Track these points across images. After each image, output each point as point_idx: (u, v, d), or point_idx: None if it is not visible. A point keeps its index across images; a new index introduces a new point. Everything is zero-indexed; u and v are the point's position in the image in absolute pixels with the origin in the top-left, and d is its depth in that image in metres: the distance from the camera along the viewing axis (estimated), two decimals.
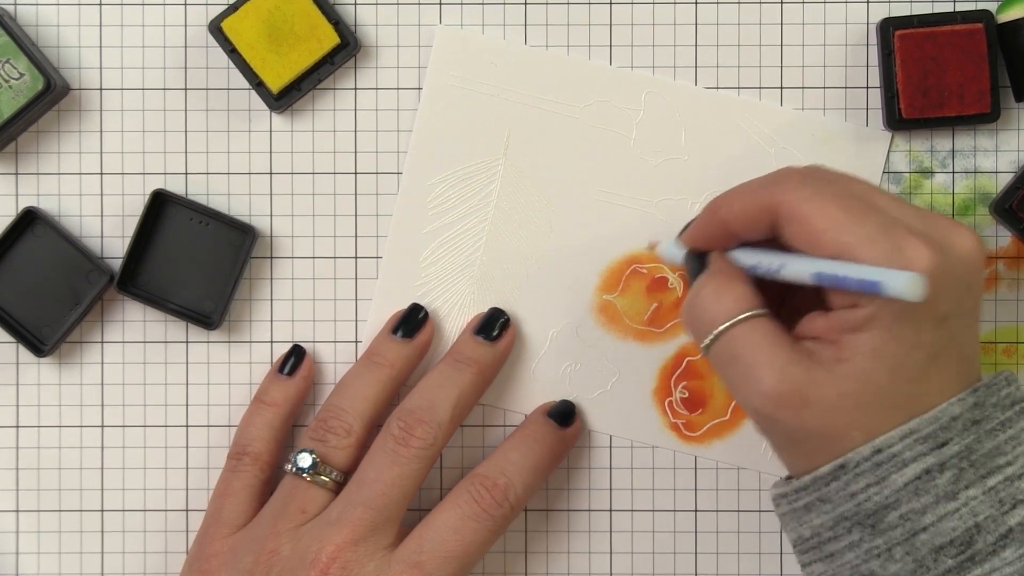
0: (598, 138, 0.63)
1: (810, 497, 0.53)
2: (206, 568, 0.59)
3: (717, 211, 0.55)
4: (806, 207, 0.51)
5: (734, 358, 0.52)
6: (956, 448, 0.51)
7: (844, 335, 0.51)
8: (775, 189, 0.52)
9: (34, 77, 0.60)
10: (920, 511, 0.51)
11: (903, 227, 0.50)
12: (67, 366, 0.64)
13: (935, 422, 0.51)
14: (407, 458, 0.58)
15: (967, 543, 0.51)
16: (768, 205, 0.52)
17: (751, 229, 0.54)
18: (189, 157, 0.64)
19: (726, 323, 0.53)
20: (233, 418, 0.64)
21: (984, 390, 0.52)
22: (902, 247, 0.49)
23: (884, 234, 0.50)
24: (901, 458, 0.51)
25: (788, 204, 0.52)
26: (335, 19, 0.62)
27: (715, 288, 0.54)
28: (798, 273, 0.52)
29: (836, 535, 0.52)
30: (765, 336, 0.52)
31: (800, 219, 0.51)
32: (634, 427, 0.64)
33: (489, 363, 0.62)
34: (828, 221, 0.51)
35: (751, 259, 0.55)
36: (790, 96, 0.63)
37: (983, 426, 0.51)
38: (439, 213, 0.64)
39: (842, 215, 0.50)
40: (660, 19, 0.63)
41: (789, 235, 0.52)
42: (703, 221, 0.56)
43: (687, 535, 0.64)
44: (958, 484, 0.51)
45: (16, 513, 0.64)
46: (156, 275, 0.63)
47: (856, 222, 0.50)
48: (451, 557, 0.58)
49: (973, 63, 0.61)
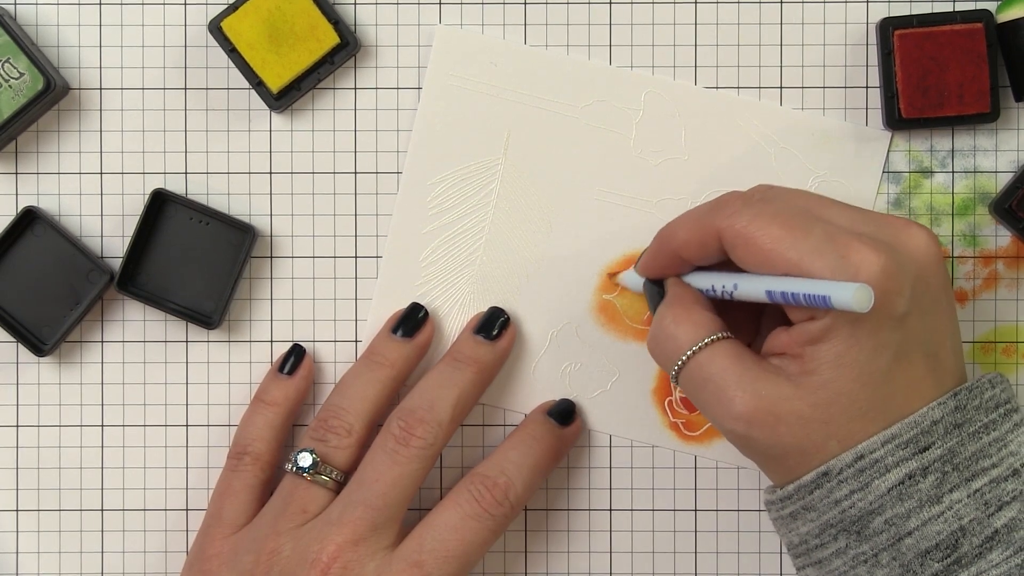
0: (598, 138, 0.63)
1: (795, 506, 0.53)
2: (206, 568, 0.59)
3: (665, 241, 0.56)
4: (747, 229, 0.52)
5: (704, 382, 0.53)
6: (938, 452, 0.51)
7: (806, 348, 0.51)
8: (717, 216, 0.53)
9: (34, 77, 0.60)
10: (904, 516, 0.51)
11: (848, 234, 0.50)
12: (67, 366, 0.64)
13: (916, 426, 0.51)
14: (407, 458, 0.58)
15: (953, 546, 0.51)
16: (712, 231, 0.53)
17: (700, 255, 0.55)
18: (189, 157, 0.64)
19: (690, 350, 0.53)
20: (233, 418, 0.64)
21: (966, 393, 0.52)
22: (847, 254, 0.50)
23: (828, 244, 0.50)
24: (883, 464, 0.51)
25: (730, 229, 0.52)
26: (335, 19, 0.62)
27: (674, 316, 0.55)
28: (751, 292, 0.52)
29: (823, 542, 0.53)
30: (730, 358, 0.53)
31: (744, 242, 0.52)
32: (634, 427, 0.64)
33: (489, 362, 0.62)
34: (771, 240, 0.51)
35: (705, 282, 0.55)
36: (790, 96, 0.63)
37: (966, 429, 0.52)
38: (439, 213, 0.64)
39: (783, 232, 0.51)
40: (660, 19, 0.63)
41: (737, 259, 0.53)
42: (654, 251, 0.57)
43: (687, 534, 0.64)
44: (942, 488, 0.51)
45: (16, 513, 0.64)
46: (156, 275, 0.63)
47: (799, 236, 0.51)
48: (451, 556, 0.58)
49: (973, 63, 0.61)
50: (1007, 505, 0.51)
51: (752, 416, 0.51)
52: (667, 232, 0.56)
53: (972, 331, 0.64)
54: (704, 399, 0.53)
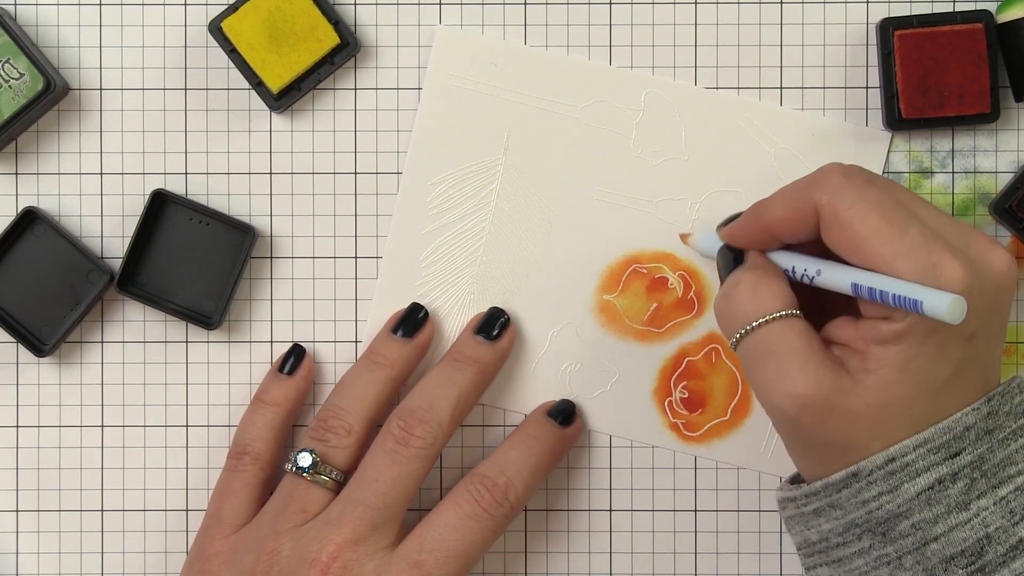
0: (598, 138, 0.63)
1: (820, 503, 0.53)
2: (206, 568, 0.59)
3: (760, 216, 0.55)
4: (847, 213, 0.51)
5: (767, 355, 0.52)
6: (969, 458, 0.51)
7: (872, 346, 0.51)
8: (816, 190, 0.52)
9: (34, 77, 0.60)
10: (932, 521, 0.51)
11: (942, 242, 0.50)
12: (67, 366, 0.64)
13: (949, 432, 0.51)
14: (407, 458, 0.58)
15: (978, 554, 0.51)
16: (810, 208, 0.52)
17: (794, 233, 0.54)
18: (189, 157, 0.64)
19: (762, 318, 0.53)
20: (233, 418, 0.64)
21: (998, 398, 0.52)
22: (939, 264, 0.49)
23: (922, 248, 0.50)
24: (914, 467, 0.51)
25: (830, 207, 0.51)
26: (335, 19, 0.62)
27: (752, 283, 0.54)
28: (835, 281, 0.52)
29: (845, 541, 0.52)
30: (799, 337, 0.52)
31: (841, 225, 0.51)
32: (634, 427, 0.64)
33: (489, 363, 0.62)
34: (868, 230, 0.50)
35: (788, 261, 0.55)
36: (790, 96, 0.63)
37: (996, 435, 0.51)
38: (439, 213, 0.64)
39: (883, 224, 0.50)
40: (660, 19, 0.63)
41: (829, 240, 0.52)
42: (746, 223, 0.56)
43: (687, 535, 0.64)
44: (970, 494, 0.51)
45: (16, 513, 0.64)
46: (156, 275, 0.63)
47: (896, 233, 0.50)
48: (451, 556, 0.58)
49: (973, 63, 0.61)
50: None
51: (807, 401, 0.51)
52: (763, 206, 0.55)
53: None
54: (762, 372, 0.52)
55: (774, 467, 0.64)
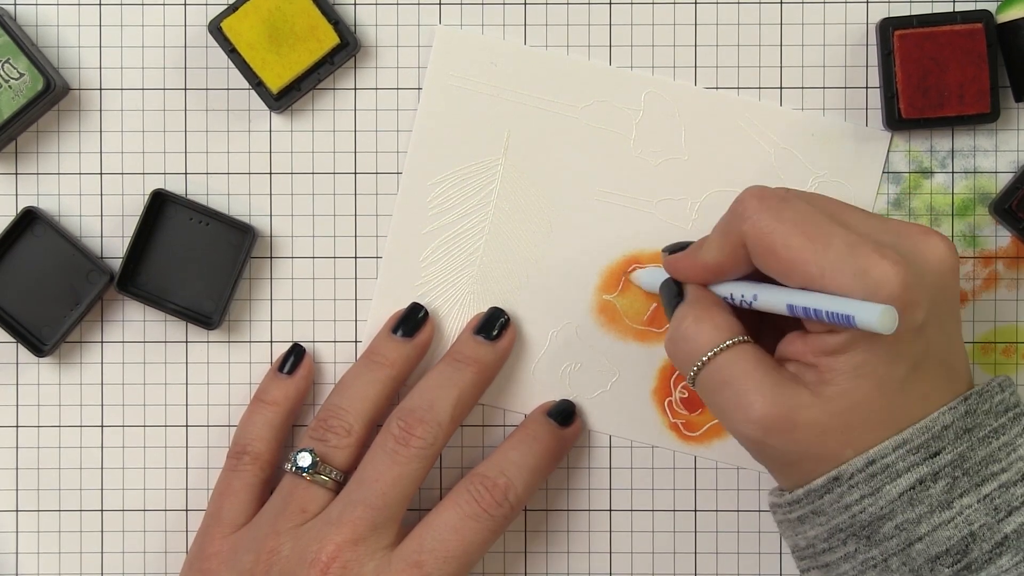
0: (598, 138, 0.63)
1: (803, 510, 0.53)
2: (206, 567, 0.59)
3: (699, 257, 0.55)
4: (769, 238, 0.51)
5: (722, 385, 0.52)
6: (949, 457, 0.51)
7: (822, 358, 0.51)
8: (738, 222, 0.53)
9: (34, 77, 0.60)
10: (915, 521, 0.51)
11: (869, 245, 0.50)
12: (67, 366, 0.64)
13: (927, 432, 0.51)
14: (407, 458, 0.58)
15: (963, 552, 0.51)
16: (739, 241, 0.53)
17: (735, 269, 0.54)
18: (189, 157, 0.64)
19: (711, 351, 0.53)
20: (233, 418, 0.64)
21: (976, 397, 0.52)
22: (867, 268, 0.49)
23: (849, 256, 0.49)
24: (894, 469, 0.51)
25: (752, 235, 0.52)
26: (335, 19, 0.62)
27: (696, 317, 0.54)
28: (771, 304, 0.52)
29: (831, 546, 0.53)
30: (750, 362, 0.52)
31: (765, 251, 0.51)
32: (634, 427, 0.64)
33: (489, 363, 0.62)
34: (791, 251, 0.51)
35: (725, 290, 0.55)
36: (790, 96, 0.63)
37: (975, 434, 0.51)
38: (439, 213, 0.64)
39: (805, 242, 0.50)
40: (660, 19, 0.63)
41: (760, 266, 0.52)
42: (687, 263, 0.56)
43: (686, 535, 0.64)
44: (952, 493, 0.51)
45: (16, 513, 0.64)
46: (156, 275, 0.63)
47: (819, 248, 0.50)
48: (451, 557, 0.58)
49: (973, 63, 0.61)
50: (1016, 510, 0.51)
51: (770, 422, 0.51)
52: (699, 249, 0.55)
53: (972, 331, 0.64)
54: (721, 402, 0.53)
55: None
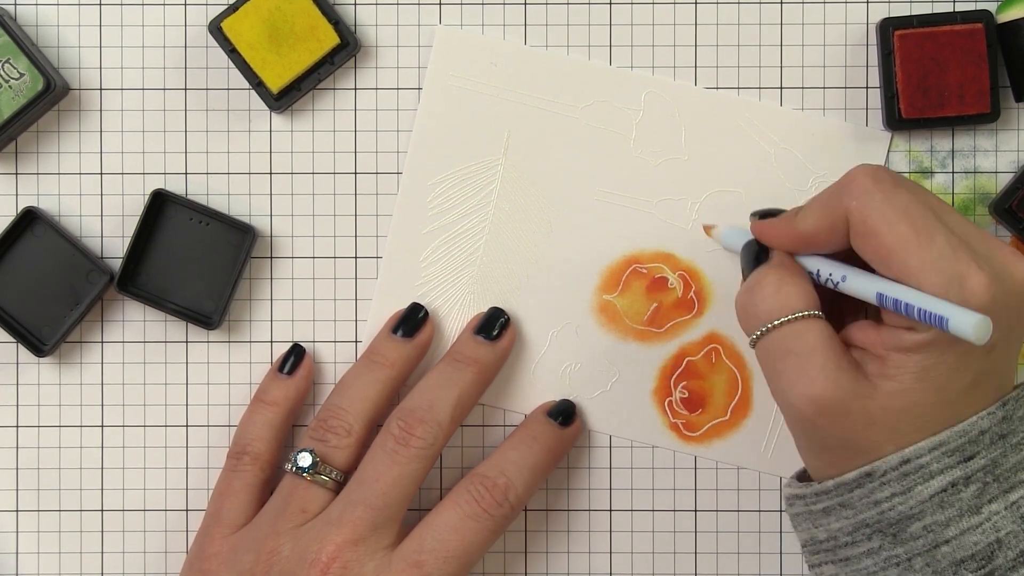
0: (598, 138, 0.63)
1: (831, 501, 0.53)
2: (206, 568, 0.59)
3: (795, 225, 0.54)
4: (876, 220, 0.51)
5: (786, 353, 0.52)
6: (982, 462, 0.51)
7: (892, 353, 0.51)
8: (845, 196, 0.52)
9: (34, 77, 0.60)
10: (943, 524, 0.51)
11: (968, 252, 0.50)
12: (67, 366, 0.64)
13: (964, 435, 0.51)
14: (407, 458, 0.58)
15: (988, 558, 0.51)
16: (841, 215, 0.52)
17: (828, 243, 0.53)
18: (189, 157, 0.64)
19: (784, 317, 0.52)
20: (233, 418, 0.64)
21: (1012, 403, 0.52)
22: (965, 275, 0.49)
23: (950, 259, 0.49)
24: (928, 470, 0.51)
25: (858, 213, 0.51)
26: (335, 19, 0.62)
27: (777, 280, 0.53)
28: (860, 289, 0.52)
29: (855, 540, 0.52)
30: (819, 338, 0.52)
31: (869, 232, 0.51)
32: (634, 427, 0.64)
33: (489, 363, 0.62)
34: (896, 239, 0.50)
35: (813, 264, 0.54)
36: (790, 96, 0.63)
37: (1009, 440, 0.51)
38: (439, 213, 0.64)
39: (911, 233, 0.50)
40: (660, 19, 0.63)
41: (857, 246, 0.52)
42: (780, 228, 0.55)
43: (687, 535, 0.64)
44: (982, 498, 0.51)
45: (16, 513, 0.64)
46: (156, 275, 0.63)
47: (924, 243, 0.50)
48: (451, 557, 0.58)
49: (973, 63, 0.61)
50: None
51: (825, 403, 0.51)
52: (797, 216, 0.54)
53: None
54: (780, 370, 0.52)
55: (774, 467, 0.64)
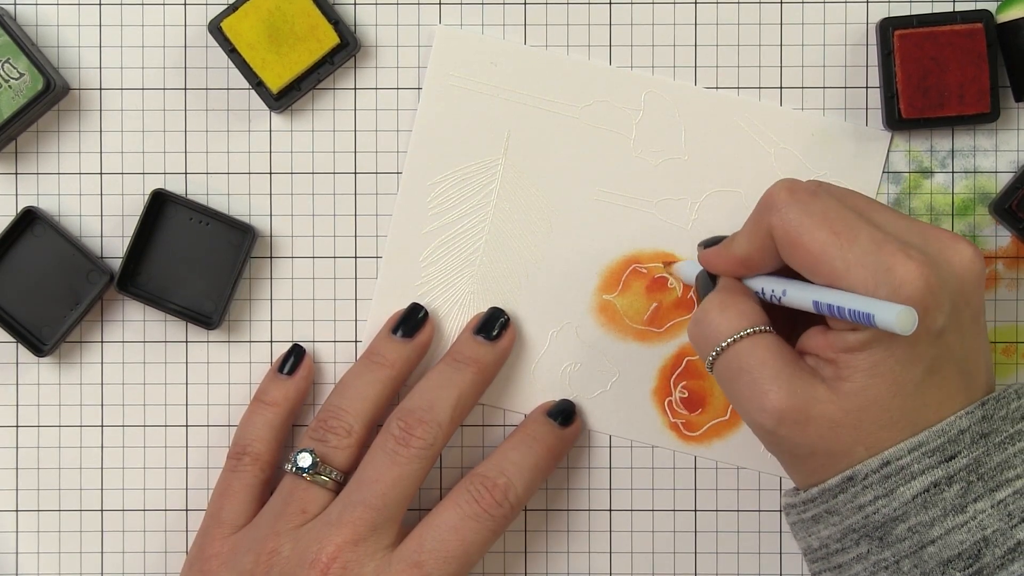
0: (598, 138, 0.63)
1: (818, 509, 0.53)
2: (206, 568, 0.59)
3: (731, 249, 0.56)
4: (796, 231, 0.52)
5: (739, 372, 0.53)
6: (964, 461, 0.51)
7: (841, 354, 0.51)
8: (767, 214, 0.53)
9: (34, 77, 0.60)
10: (928, 524, 0.51)
11: (894, 244, 0.50)
12: (67, 366, 0.64)
13: (943, 435, 0.51)
14: (407, 458, 0.58)
15: (975, 556, 0.51)
16: (766, 232, 0.53)
17: (764, 262, 0.54)
18: (189, 157, 0.64)
19: (731, 337, 0.53)
20: (233, 418, 0.64)
21: (993, 403, 0.52)
22: (891, 267, 0.49)
23: (874, 254, 0.50)
24: (909, 471, 0.51)
25: (780, 227, 0.52)
26: (335, 19, 0.62)
27: (720, 303, 0.54)
28: (798, 300, 0.53)
29: (844, 547, 0.52)
30: (769, 351, 0.52)
31: (792, 244, 0.52)
32: (634, 427, 0.64)
33: (489, 363, 0.62)
34: (818, 245, 0.51)
35: (757, 284, 0.56)
36: (790, 96, 0.63)
37: (992, 439, 0.51)
38: (439, 213, 0.64)
39: (831, 237, 0.51)
40: (660, 19, 0.63)
41: (787, 259, 0.53)
42: (720, 255, 0.56)
43: (686, 535, 0.64)
44: (966, 497, 0.51)
45: (16, 513, 0.64)
46: (156, 275, 0.63)
47: (845, 244, 0.50)
48: (451, 557, 0.58)
49: (973, 63, 0.61)
50: None
51: (783, 413, 0.51)
52: (731, 241, 0.56)
53: None
54: (737, 389, 0.53)
55: (774, 467, 0.64)
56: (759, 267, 0.55)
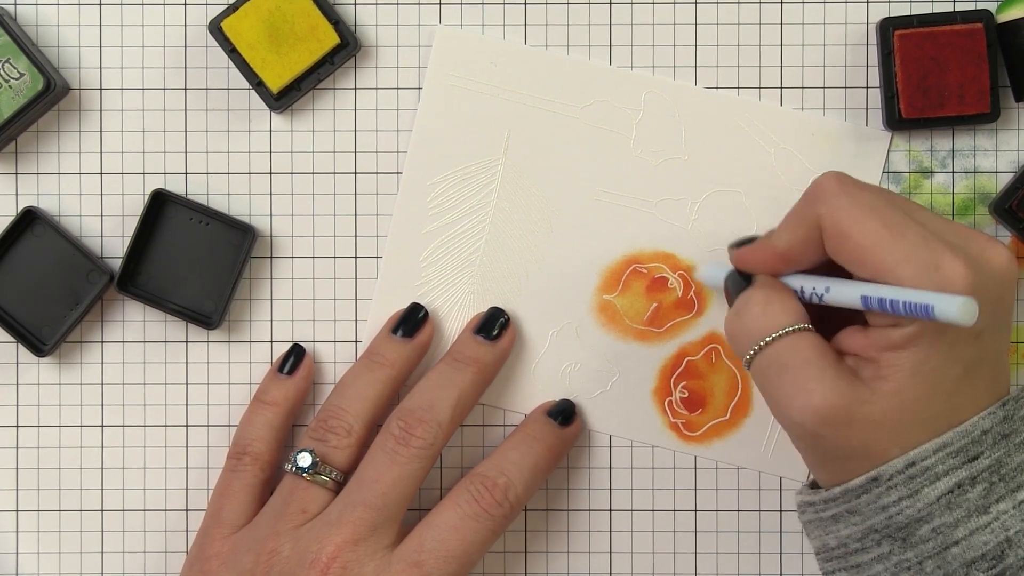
0: (598, 138, 0.63)
1: (839, 508, 0.53)
2: (206, 568, 0.59)
3: (772, 245, 0.55)
4: (846, 221, 0.51)
5: (781, 369, 0.52)
6: (987, 462, 0.51)
7: (884, 353, 0.51)
8: (815, 204, 0.52)
9: (34, 77, 0.60)
10: (952, 525, 0.51)
11: (941, 242, 0.50)
12: (67, 366, 0.64)
13: (967, 436, 0.51)
14: (407, 458, 0.58)
15: (998, 557, 0.51)
16: (814, 223, 0.52)
17: (806, 255, 0.54)
18: (189, 157, 0.64)
19: (774, 334, 0.53)
20: (233, 418, 0.64)
21: (1013, 403, 0.52)
22: (940, 264, 0.49)
23: (923, 250, 0.50)
24: (934, 472, 0.51)
25: (829, 217, 0.52)
26: (335, 19, 0.62)
27: (763, 300, 0.54)
28: (844, 297, 0.52)
29: (864, 547, 0.52)
30: (812, 350, 0.52)
31: (841, 234, 0.51)
32: (634, 427, 0.64)
33: (489, 363, 0.62)
34: (868, 236, 0.51)
35: (796, 282, 0.55)
36: (790, 96, 0.63)
37: (1012, 439, 0.51)
38: (439, 213, 0.64)
39: (881, 229, 0.50)
40: (660, 19, 0.63)
41: (832, 251, 0.52)
42: (758, 251, 0.55)
43: (687, 535, 0.64)
44: (989, 498, 0.51)
45: (16, 513, 0.64)
46: (156, 275, 0.63)
47: (895, 238, 0.50)
48: (451, 556, 0.58)
49: (973, 63, 0.61)
50: None
51: (827, 413, 0.51)
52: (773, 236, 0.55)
53: None
54: (778, 386, 0.52)
55: (774, 467, 0.64)
56: (799, 262, 0.54)
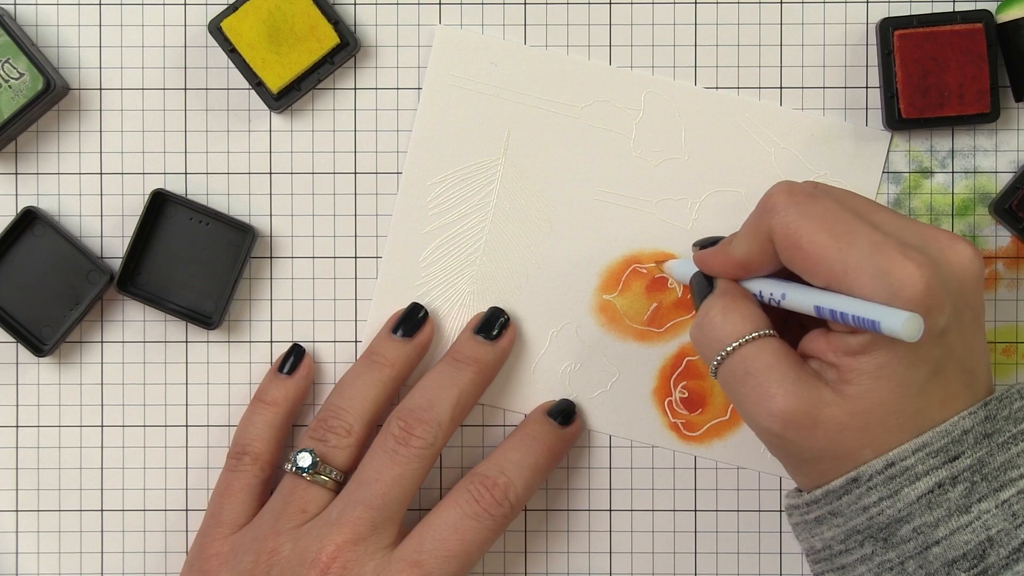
0: (598, 138, 0.63)
1: (821, 510, 0.53)
2: (206, 568, 0.59)
3: (729, 251, 0.55)
4: (795, 233, 0.51)
5: (745, 376, 0.52)
6: (968, 461, 0.51)
7: (844, 358, 0.51)
8: (767, 216, 0.53)
9: (34, 77, 0.60)
10: (933, 524, 0.51)
11: (893, 245, 0.50)
12: (67, 366, 0.64)
13: (946, 435, 0.51)
14: (407, 458, 0.58)
15: (980, 556, 0.51)
16: (766, 235, 0.53)
17: (763, 264, 0.54)
18: (189, 157, 0.64)
19: (736, 341, 0.53)
20: (233, 418, 0.64)
21: (996, 403, 0.52)
22: (890, 269, 0.49)
23: (872, 257, 0.50)
24: (913, 472, 0.51)
25: (779, 230, 0.52)
26: (335, 19, 0.62)
27: (723, 307, 0.54)
28: (799, 304, 0.52)
29: (848, 548, 0.52)
30: (775, 355, 0.52)
31: (791, 246, 0.52)
32: (634, 427, 0.64)
33: (489, 362, 0.62)
34: (816, 247, 0.51)
35: (756, 286, 0.55)
36: (790, 96, 0.63)
37: (995, 439, 0.51)
38: (439, 213, 0.64)
39: (829, 240, 0.51)
40: (660, 19, 0.63)
41: (786, 262, 0.53)
42: (717, 257, 0.56)
43: (686, 535, 0.64)
44: (970, 497, 0.51)
45: (16, 513, 0.64)
46: (156, 275, 0.63)
47: (843, 247, 0.50)
48: (451, 556, 0.58)
49: (973, 63, 0.61)
50: None
51: (790, 416, 0.51)
52: (730, 243, 0.55)
53: None
54: (743, 393, 0.53)
55: (774, 467, 0.64)
56: (758, 269, 0.55)
